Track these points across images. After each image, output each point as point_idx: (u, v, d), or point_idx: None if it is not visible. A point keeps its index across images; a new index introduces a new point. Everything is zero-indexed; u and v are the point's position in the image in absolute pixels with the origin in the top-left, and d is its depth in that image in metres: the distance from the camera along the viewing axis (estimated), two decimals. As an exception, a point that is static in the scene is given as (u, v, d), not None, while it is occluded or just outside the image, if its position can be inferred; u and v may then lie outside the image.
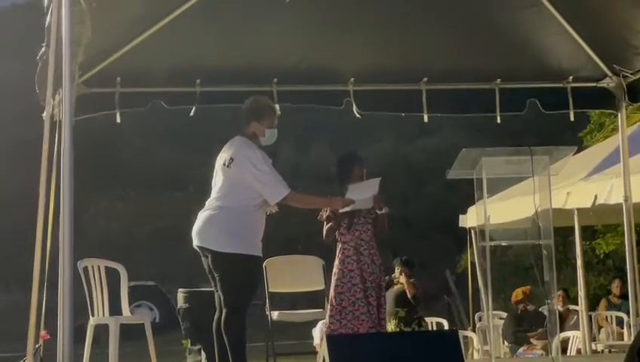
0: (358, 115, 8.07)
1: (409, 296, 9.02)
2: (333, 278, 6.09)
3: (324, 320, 6.41)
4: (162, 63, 7.71)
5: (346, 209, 6.12)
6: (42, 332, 7.10)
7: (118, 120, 7.78)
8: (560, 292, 11.11)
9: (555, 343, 7.46)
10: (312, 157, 23.32)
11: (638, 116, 13.35)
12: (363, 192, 6.12)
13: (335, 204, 6.14)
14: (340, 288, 6.02)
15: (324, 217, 6.20)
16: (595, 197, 9.03)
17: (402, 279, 9.09)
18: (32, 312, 5.03)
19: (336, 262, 6.12)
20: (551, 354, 6.95)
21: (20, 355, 6.37)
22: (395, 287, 9.21)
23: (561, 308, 11.02)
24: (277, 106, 7.11)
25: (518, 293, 10.60)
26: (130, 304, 7.83)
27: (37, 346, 6.99)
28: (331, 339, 5.06)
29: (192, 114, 7.84)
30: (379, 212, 6.17)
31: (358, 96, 8.10)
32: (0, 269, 18.48)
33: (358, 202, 6.04)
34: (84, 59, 7.11)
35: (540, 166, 6.20)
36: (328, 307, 6.11)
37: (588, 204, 9.20)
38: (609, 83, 8.45)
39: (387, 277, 8.13)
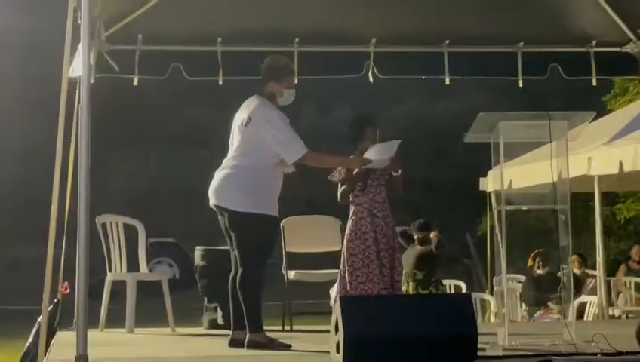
0: (371, 80, 8.07)
1: (434, 247, 9.14)
2: (346, 240, 6.07)
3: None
4: (184, 22, 7.71)
5: (363, 168, 6.08)
6: (64, 284, 7.20)
7: (135, 82, 7.80)
8: (574, 257, 11.09)
9: (570, 308, 7.45)
10: (334, 119, 23.22)
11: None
12: (383, 154, 6.09)
13: (353, 163, 6.09)
14: (353, 249, 6.00)
15: (339, 179, 6.17)
16: (621, 163, 8.95)
17: (433, 235, 9.32)
18: (47, 267, 5.10)
19: (350, 223, 6.10)
20: (566, 318, 6.93)
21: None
22: (416, 248, 9.27)
23: (577, 271, 11.00)
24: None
25: (530, 258, 10.68)
26: (150, 261, 7.89)
27: (55, 300, 7.08)
28: (344, 300, 5.08)
29: (220, 83, 7.87)
30: (394, 174, 6.14)
31: (378, 58, 8.08)
32: (25, 223, 18.60)
33: (375, 161, 6.02)
34: (106, 18, 7.15)
35: (559, 131, 6.15)
36: (341, 268, 6.11)
37: (613, 171, 9.11)
38: (633, 48, 8.37)
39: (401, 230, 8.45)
